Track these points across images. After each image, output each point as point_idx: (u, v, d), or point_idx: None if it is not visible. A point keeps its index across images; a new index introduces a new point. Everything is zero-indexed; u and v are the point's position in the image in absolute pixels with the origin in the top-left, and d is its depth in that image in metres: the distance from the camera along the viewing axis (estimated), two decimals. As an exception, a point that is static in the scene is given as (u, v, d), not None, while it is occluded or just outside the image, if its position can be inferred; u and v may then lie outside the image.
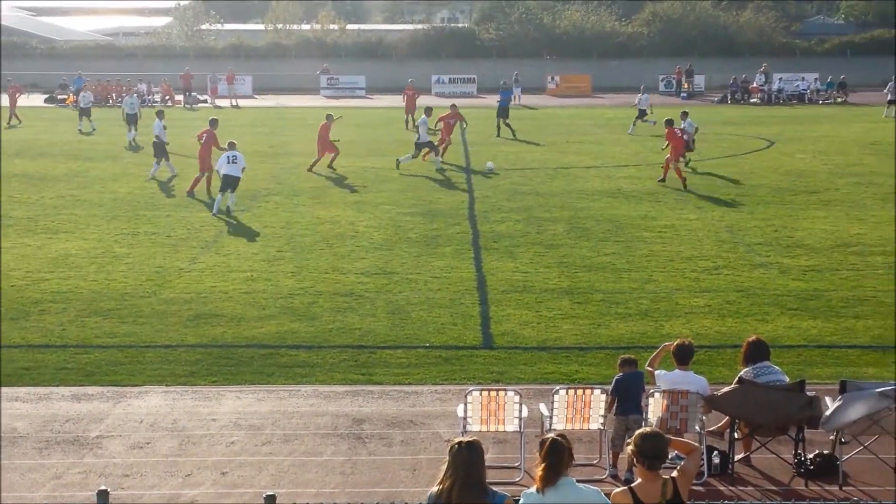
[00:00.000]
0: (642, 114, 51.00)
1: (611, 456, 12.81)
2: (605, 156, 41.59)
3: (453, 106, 41.98)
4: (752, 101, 72.01)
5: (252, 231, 26.88)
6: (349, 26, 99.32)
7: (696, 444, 9.54)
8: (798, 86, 73.58)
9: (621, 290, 21.23)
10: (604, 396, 12.77)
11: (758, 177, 35.52)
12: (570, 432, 13.13)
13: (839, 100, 71.35)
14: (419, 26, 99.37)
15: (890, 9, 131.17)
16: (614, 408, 12.84)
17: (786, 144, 44.71)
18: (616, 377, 13.05)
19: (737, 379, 12.97)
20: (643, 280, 21.97)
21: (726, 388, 12.87)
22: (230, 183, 29.32)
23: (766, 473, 12.77)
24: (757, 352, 13.16)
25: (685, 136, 36.39)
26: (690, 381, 12.86)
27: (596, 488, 8.23)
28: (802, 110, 65.23)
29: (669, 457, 11.97)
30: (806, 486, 12.33)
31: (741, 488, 12.40)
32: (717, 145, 44.73)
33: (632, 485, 8.19)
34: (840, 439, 12.39)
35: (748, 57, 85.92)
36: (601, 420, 12.79)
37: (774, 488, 12.39)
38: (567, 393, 12.79)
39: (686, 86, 77.88)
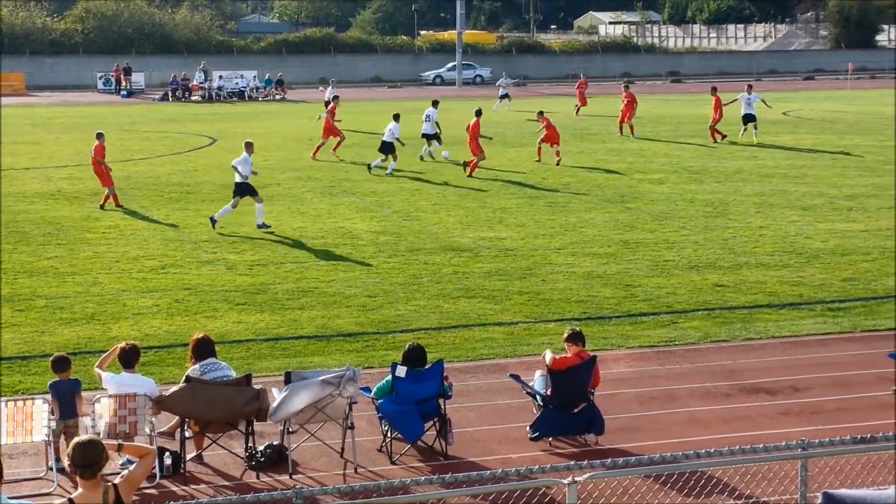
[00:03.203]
0: (505, 97, 58.60)
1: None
2: (44, 156, 40.08)
3: None
4: (193, 98, 72.37)
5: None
6: None
7: (150, 447, 9.35)
8: (238, 83, 74.89)
9: (65, 294, 20.51)
10: (46, 406, 12.26)
11: (201, 174, 35.76)
12: (14, 447, 12.52)
13: (278, 97, 73.47)
14: None
15: (321, 10, 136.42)
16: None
17: (228, 141, 45.31)
18: (50, 382, 12.67)
19: (184, 378, 12.92)
20: (88, 283, 21.35)
21: (174, 388, 12.77)
22: (245, 191, 26.92)
23: (219, 469, 12.81)
24: (203, 349, 13.18)
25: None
26: (138, 383, 12.66)
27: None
28: (243, 107, 66.50)
29: (121, 462, 11.74)
30: (258, 477, 12.50)
31: (194, 487, 12.35)
32: (159, 143, 44.51)
33: (72, 496, 7.93)
34: (288, 429, 12.67)
35: (187, 55, 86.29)
36: (45, 431, 12.25)
37: (227, 483, 12.45)
38: (8, 405, 12.13)
39: (125, 84, 76.87)
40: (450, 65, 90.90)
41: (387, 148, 36.60)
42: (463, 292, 20.61)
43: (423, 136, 39.93)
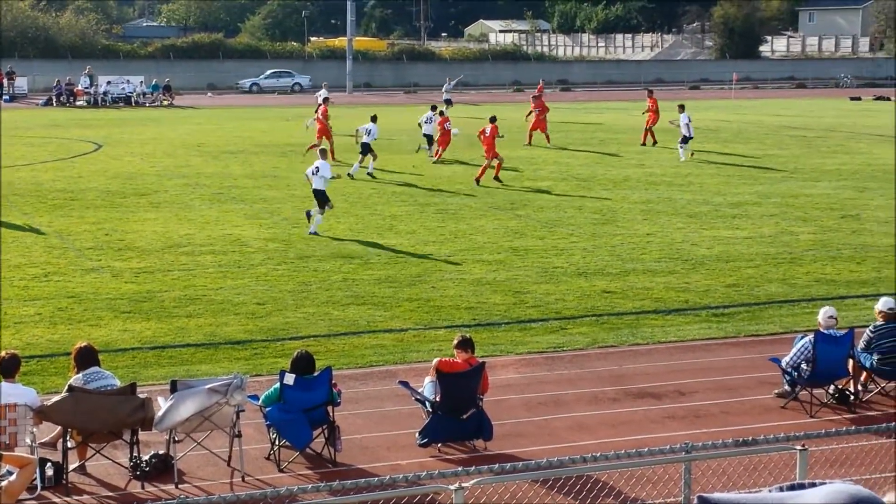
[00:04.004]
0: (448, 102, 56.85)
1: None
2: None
3: None
4: (78, 103, 71.13)
5: None
6: None
7: (31, 458, 9.15)
8: (124, 88, 73.79)
9: (-57, 303, 19.98)
10: None
11: (86, 180, 35.14)
12: None
13: (165, 102, 72.56)
14: None
15: (209, 15, 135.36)
16: None
17: (114, 147, 44.65)
18: None
19: (66, 387, 12.66)
20: (-33, 291, 20.83)
21: (56, 398, 12.51)
22: (317, 197, 26.90)
23: (103, 480, 12.58)
24: (86, 358, 12.93)
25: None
26: (18, 393, 12.36)
27: None
28: (129, 113, 65.56)
29: (1, 472, 11.46)
30: (143, 488, 12.30)
31: (77, 498, 12.11)
32: (43, 149, 43.66)
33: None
34: (174, 438, 12.50)
35: (72, 59, 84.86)
36: None
37: (111, 494, 12.23)
38: None
39: (8, 88, 75.30)
40: (268, 72, 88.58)
41: (366, 148, 37.24)
42: (353, 299, 20.55)
43: (424, 135, 42.83)
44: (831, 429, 10.88)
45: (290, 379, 12.91)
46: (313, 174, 27.03)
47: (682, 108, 43.05)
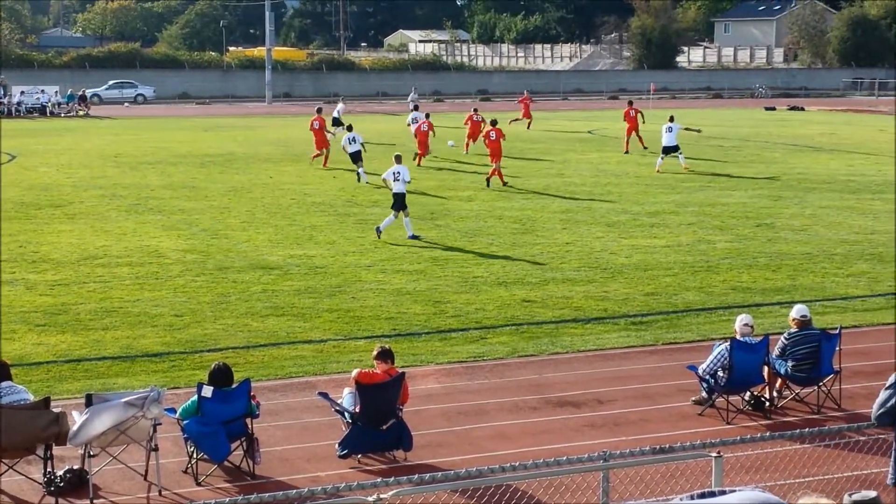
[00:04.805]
0: (337, 123, 53.32)
1: None
2: None
3: None
4: (-8, 113, 70.00)
5: None
6: None
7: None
8: (39, 98, 72.76)
9: None
10: None
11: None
12: None
13: (81, 113, 71.68)
14: None
15: (126, 24, 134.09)
16: None
17: (28, 158, 44.01)
18: None
19: (-21, 403, 12.42)
20: None
21: (-31, 414, 12.26)
22: (398, 201, 27.40)
23: (16, 496, 12.34)
24: (-2, 372, 12.70)
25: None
26: (-72, 410, 12.10)
27: None
28: (45, 123, 64.67)
29: None
30: (57, 503, 12.10)
31: (-10, 516, 11.89)
32: (-45, 159, 42.81)
33: None
34: (89, 452, 12.31)
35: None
36: None
37: (25, 511, 12.02)
38: None
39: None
40: (111, 82, 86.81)
41: (356, 156, 38.11)
42: (272, 310, 20.42)
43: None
44: (747, 435, 11.02)
45: (207, 391, 12.78)
46: (394, 179, 27.61)
47: (671, 118, 43.28)
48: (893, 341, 17.92)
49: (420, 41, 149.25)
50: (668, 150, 41.75)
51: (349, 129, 39.56)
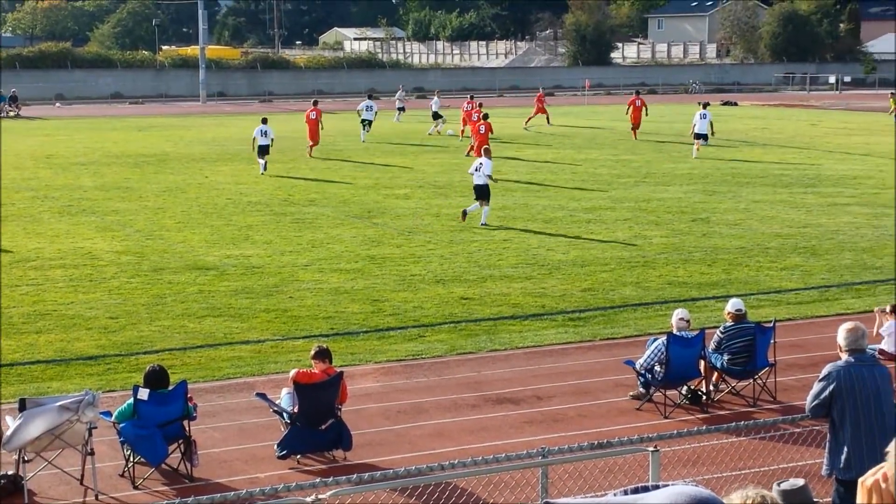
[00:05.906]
0: (437, 116, 55.48)
1: None
2: None
3: None
4: (-80, 114, 68.77)
5: None
6: None
7: None
8: (-32, 99, 71.60)
9: None
10: None
11: (-71, 194, 33.97)
12: None
13: (11, 113, 70.67)
14: None
15: (57, 24, 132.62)
16: None
17: (-42, 159, 43.25)
18: None
19: None
20: None
21: None
22: (479, 192, 29.17)
23: (-51, 505, 12.18)
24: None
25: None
26: None
27: None
28: (-25, 124, 63.60)
29: None
30: (-8, 511, 11.95)
31: (-78, 525, 11.70)
32: None
33: None
34: (23, 458, 12.15)
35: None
36: None
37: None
38: None
39: None
40: None
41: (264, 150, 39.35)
42: (209, 311, 20.27)
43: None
44: (684, 429, 11.11)
45: (143, 394, 12.67)
46: (476, 171, 29.31)
47: (705, 105, 46.55)
48: (826, 334, 18.16)
49: (355, 39, 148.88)
50: (700, 136, 44.54)
51: (263, 121, 40.68)
